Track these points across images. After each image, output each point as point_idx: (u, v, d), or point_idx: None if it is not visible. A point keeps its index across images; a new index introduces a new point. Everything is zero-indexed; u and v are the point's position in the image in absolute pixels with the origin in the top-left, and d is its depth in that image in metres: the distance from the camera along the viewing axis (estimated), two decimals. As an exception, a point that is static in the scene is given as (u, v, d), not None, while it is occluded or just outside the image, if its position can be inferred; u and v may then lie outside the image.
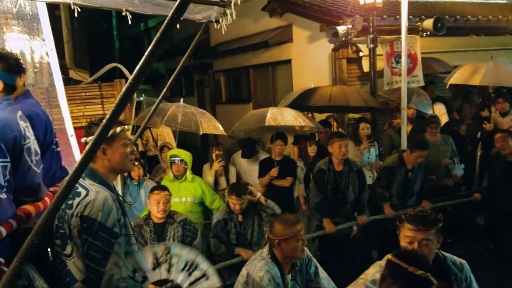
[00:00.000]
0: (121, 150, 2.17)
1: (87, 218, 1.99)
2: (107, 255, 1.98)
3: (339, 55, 7.31)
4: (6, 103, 2.34)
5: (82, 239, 2.00)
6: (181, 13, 1.19)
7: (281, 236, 2.57)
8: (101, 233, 1.99)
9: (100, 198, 2.03)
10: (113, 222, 2.02)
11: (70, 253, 2.05)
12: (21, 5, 3.06)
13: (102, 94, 4.83)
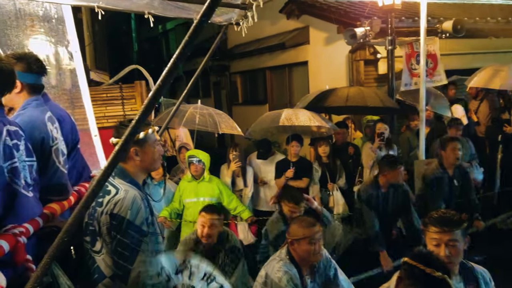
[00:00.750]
0: (152, 151, 2.22)
1: (117, 216, 2.04)
2: (135, 253, 2.03)
3: (356, 57, 7.30)
4: (35, 103, 2.40)
5: (111, 236, 2.05)
6: (209, 16, 1.23)
7: (294, 236, 2.58)
8: (130, 231, 2.03)
9: (129, 196, 2.07)
10: (142, 220, 2.07)
11: (100, 249, 2.11)
12: (46, 7, 3.15)
13: (122, 96, 4.93)
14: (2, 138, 1.93)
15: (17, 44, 3.11)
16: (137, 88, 4.99)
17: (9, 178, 1.95)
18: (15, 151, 2.00)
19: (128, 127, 2.11)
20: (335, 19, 7.21)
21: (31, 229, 1.96)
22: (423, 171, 4.85)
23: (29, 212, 2.03)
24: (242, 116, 10.31)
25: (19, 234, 1.82)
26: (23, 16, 3.13)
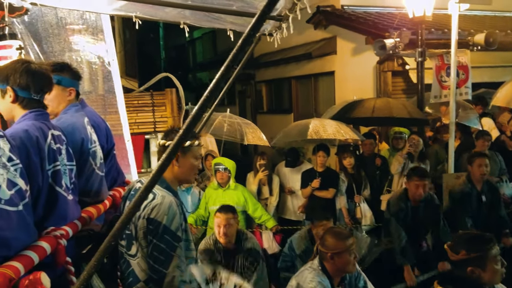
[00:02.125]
0: (192, 162, 2.26)
1: (153, 220, 2.07)
2: (170, 257, 2.06)
3: (384, 68, 7.25)
4: (74, 109, 2.49)
5: (147, 240, 2.09)
6: (257, 30, 1.26)
7: (334, 250, 2.58)
8: (166, 235, 2.07)
9: (166, 202, 2.11)
10: (177, 226, 2.10)
11: (135, 253, 2.16)
12: (86, 17, 3.26)
13: (153, 102, 5.03)
14: (47, 142, 2.01)
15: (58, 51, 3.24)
16: (168, 95, 5.09)
17: (52, 181, 2.02)
18: (58, 155, 2.07)
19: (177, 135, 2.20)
20: (363, 29, 7.19)
21: (70, 232, 2.02)
22: (451, 184, 4.78)
23: (69, 215, 2.09)
24: (267, 124, 10.34)
25: (60, 237, 1.87)
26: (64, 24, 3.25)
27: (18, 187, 1.68)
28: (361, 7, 8.22)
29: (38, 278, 1.50)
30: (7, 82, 1.97)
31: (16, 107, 2.02)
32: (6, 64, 2.08)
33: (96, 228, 2.51)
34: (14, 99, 1.99)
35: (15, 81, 1.96)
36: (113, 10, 3.10)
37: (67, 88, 2.48)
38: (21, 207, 1.67)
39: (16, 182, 1.68)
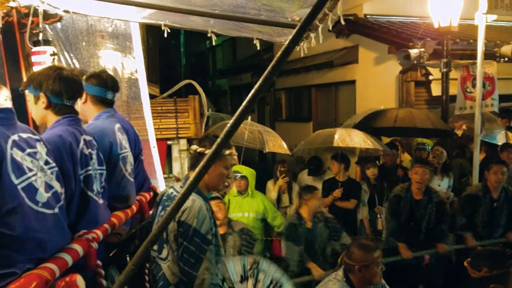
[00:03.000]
0: (221, 171, 2.29)
1: (184, 223, 2.11)
2: (200, 260, 2.08)
3: (407, 78, 7.19)
4: (105, 115, 2.53)
5: (177, 243, 2.13)
6: (297, 42, 1.27)
7: (362, 262, 2.56)
8: (196, 238, 2.10)
9: (196, 205, 2.14)
10: (207, 229, 2.13)
11: (166, 256, 2.18)
12: (116, 24, 3.33)
13: (176, 109, 5.08)
14: (80, 147, 2.05)
15: (88, 58, 3.31)
16: (191, 102, 5.14)
17: (83, 186, 2.06)
18: (90, 159, 2.11)
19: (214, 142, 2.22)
20: (386, 39, 7.16)
21: (101, 235, 2.05)
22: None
23: (100, 218, 2.12)
24: (285, 132, 10.31)
25: (92, 240, 1.90)
26: (94, 31, 3.33)
27: (54, 189, 1.72)
28: (384, 16, 8.19)
29: (74, 280, 1.52)
30: (40, 89, 2.01)
31: (49, 113, 2.06)
32: (39, 71, 2.12)
33: (123, 232, 2.54)
34: (47, 105, 2.03)
35: (48, 87, 2.00)
36: (142, 18, 3.15)
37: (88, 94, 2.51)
38: (57, 209, 1.70)
39: (53, 185, 1.72)
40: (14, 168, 1.50)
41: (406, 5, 8.08)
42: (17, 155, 1.53)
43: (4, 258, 1.45)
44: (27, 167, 1.57)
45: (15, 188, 1.49)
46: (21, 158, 1.56)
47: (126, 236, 2.59)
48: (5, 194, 1.44)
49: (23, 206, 1.50)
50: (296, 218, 4.19)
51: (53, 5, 2.86)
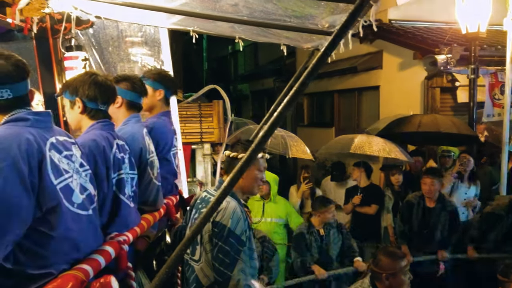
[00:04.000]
0: (255, 175, 2.31)
1: (218, 223, 2.13)
2: (234, 261, 2.10)
3: (432, 84, 7.07)
4: (134, 120, 2.58)
5: (212, 243, 2.15)
6: (333, 49, 1.27)
7: (389, 271, 2.54)
8: (231, 238, 2.12)
9: (230, 206, 2.16)
10: (241, 230, 2.15)
11: (199, 258, 2.21)
12: (146, 30, 3.39)
13: (201, 114, 5.12)
14: (113, 151, 2.09)
15: (117, 62, 3.38)
16: (215, 107, 5.18)
17: (116, 189, 2.10)
18: (122, 163, 2.16)
19: (246, 147, 2.24)
20: (411, 44, 7.07)
21: (131, 238, 2.09)
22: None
23: (130, 221, 2.16)
24: (307, 137, 10.26)
25: (123, 242, 1.94)
26: (124, 37, 3.40)
27: (88, 191, 1.76)
28: (409, 21, 8.10)
29: (108, 281, 1.55)
30: (76, 94, 2.06)
31: (84, 117, 2.11)
32: (75, 77, 2.18)
33: (151, 235, 2.58)
34: (83, 110, 2.08)
35: (83, 92, 2.05)
36: (171, 24, 3.20)
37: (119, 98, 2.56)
38: (90, 211, 1.74)
39: (87, 187, 1.76)
40: (53, 168, 1.54)
41: (432, 10, 7.98)
42: (55, 157, 1.58)
43: (42, 258, 1.49)
44: (64, 169, 1.62)
45: (54, 188, 1.53)
46: (58, 160, 1.60)
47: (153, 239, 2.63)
48: (45, 193, 1.48)
49: (62, 206, 1.54)
50: (306, 227, 4.21)
51: (86, 11, 2.93)
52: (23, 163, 1.42)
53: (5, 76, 1.56)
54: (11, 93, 1.57)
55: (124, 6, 2.66)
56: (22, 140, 1.46)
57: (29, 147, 1.47)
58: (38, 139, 1.53)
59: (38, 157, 1.49)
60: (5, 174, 1.37)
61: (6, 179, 1.36)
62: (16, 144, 1.43)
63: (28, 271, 1.46)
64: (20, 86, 1.60)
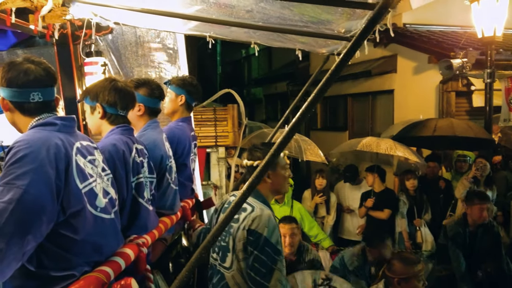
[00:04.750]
0: (282, 174, 2.30)
1: (254, 232, 2.09)
2: (271, 271, 2.05)
3: (447, 88, 7.02)
4: (153, 125, 2.61)
5: (247, 252, 2.11)
6: (352, 55, 1.29)
7: (401, 275, 2.53)
8: (266, 248, 2.07)
9: (265, 214, 2.13)
10: (277, 239, 2.10)
11: (230, 266, 2.17)
12: (163, 36, 3.45)
13: (215, 117, 5.17)
14: (132, 155, 2.13)
15: (135, 67, 3.43)
16: (230, 111, 5.22)
17: (135, 193, 2.14)
18: (141, 167, 2.19)
19: (267, 151, 2.25)
20: (426, 48, 7.03)
21: (150, 240, 2.12)
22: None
23: (149, 224, 2.20)
24: (320, 141, 10.24)
25: (142, 245, 1.97)
26: (142, 42, 3.45)
27: (110, 195, 1.80)
28: (424, 25, 8.06)
29: (129, 283, 1.58)
30: (96, 99, 2.11)
31: (104, 122, 2.16)
32: (95, 83, 2.23)
33: (168, 238, 2.61)
34: (103, 115, 2.13)
35: (104, 98, 2.10)
36: (188, 29, 3.24)
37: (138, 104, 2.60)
38: (112, 215, 1.78)
39: (109, 191, 1.80)
40: (78, 173, 1.58)
41: (447, 14, 7.93)
42: (80, 161, 1.62)
43: (65, 260, 1.52)
44: (88, 173, 1.66)
45: (80, 192, 1.57)
46: (84, 164, 1.64)
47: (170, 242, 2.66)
48: (71, 197, 1.52)
49: (85, 210, 1.58)
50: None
51: (105, 18, 2.99)
52: (50, 167, 1.46)
53: (37, 80, 1.63)
54: (42, 97, 1.63)
55: (142, 12, 2.71)
56: (51, 144, 1.51)
57: (58, 151, 1.51)
58: (66, 144, 1.57)
59: (66, 162, 1.53)
60: (31, 177, 1.41)
61: (32, 181, 1.40)
62: (45, 148, 1.48)
63: (51, 273, 1.49)
64: (50, 91, 1.67)
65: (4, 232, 1.34)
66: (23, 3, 2.31)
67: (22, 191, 1.38)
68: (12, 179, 1.40)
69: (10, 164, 1.43)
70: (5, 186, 1.39)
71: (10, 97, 1.63)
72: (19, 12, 2.43)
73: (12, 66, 1.62)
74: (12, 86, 1.61)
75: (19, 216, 1.37)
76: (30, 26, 2.59)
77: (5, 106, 1.64)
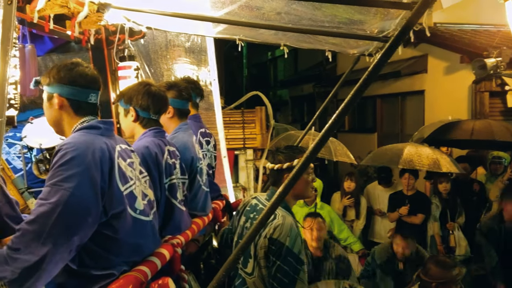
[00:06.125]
0: (305, 178, 2.23)
1: (276, 241, 2.05)
2: (293, 281, 2.02)
3: (480, 88, 6.83)
4: (184, 128, 2.65)
5: (269, 261, 2.07)
6: (389, 57, 1.28)
7: (439, 279, 2.48)
8: (289, 257, 2.03)
9: (287, 223, 2.09)
10: (299, 248, 2.06)
11: (251, 272, 2.15)
12: (193, 39, 3.49)
13: (243, 120, 5.19)
14: (164, 157, 2.16)
15: (165, 71, 3.49)
16: (257, 113, 5.23)
17: (168, 194, 2.17)
18: (173, 169, 2.23)
19: (290, 154, 2.23)
20: (458, 48, 6.87)
21: (183, 241, 2.15)
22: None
23: (183, 225, 2.23)
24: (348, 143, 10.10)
25: (177, 245, 2.00)
26: (172, 46, 3.51)
27: (148, 197, 1.83)
28: (455, 24, 7.86)
29: (166, 283, 1.61)
30: (130, 103, 2.16)
31: (137, 126, 2.20)
32: (130, 86, 2.28)
33: (200, 239, 2.64)
34: (135, 119, 2.17)
35: (137, 102, 2.14)
36: (217, 33, 3.27)
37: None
38: (151, 216, 1.81)
39: (147, 193, 1.83)
40: (120, 176, 1.62)
41: (479, 12, 7.71)
42: (122, 164, 1.66)
43: (105, 260, 1.56)
44: (129, 176, 1.70)
45: (121, 194, 1.61)
46: (125, 167, 1.68)
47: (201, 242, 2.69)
48: (113, 199, 1.56)
49: (126, 212, 1.62)
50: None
51: (138, 23, 3.06)
52: (96, 170, 1.50)
53: (94, 82, 1.70)
54: (96, 99, 1.69)
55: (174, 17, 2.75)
56: (96, 148, 1.55)
57: (102, 154, 1.55)
58: (110, 147, 1.61)
59: (109, 165, 1.57)
60: (78, 179, 1.45)
61: (79, 184, 1.45)
62: (91, 151, 1.52)
63: (92, 271, 1.54)
64: (99, 95, 1.72)
65: (52, 234, 1.38)
66: (61, 10, 2.38)
67: (69, 193, 1.42)
68: (59, 180, 1.44)
69: (58, 166, 1.47)
70: (52, 187, 1.43)
71: (69, 95, 1.66)
72: (56, 18, 2.51)
73: (73, 66, 1.67)
74: (75, 85, 1.65)
75: (66, 218, 1.41)
76: (67, 32, 2.67)
77: (59, 103, 1.66)
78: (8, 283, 1.35)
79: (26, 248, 1.36)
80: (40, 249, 1.36)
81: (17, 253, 1.36)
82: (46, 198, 1.43)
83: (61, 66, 1.67)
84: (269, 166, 2.29)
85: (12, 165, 2.90)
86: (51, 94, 1.67)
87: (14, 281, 1.35)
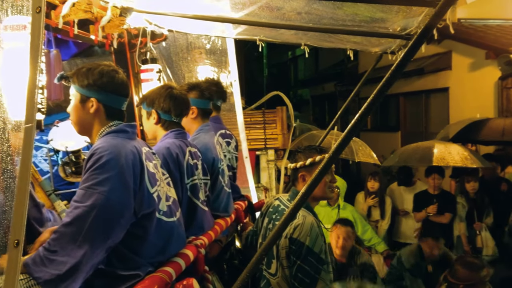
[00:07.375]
0: (324, 179, 2.18)
1: (296, 241, 2.05)
2: (314, 281, 2.02)
3: (507, 84, 6.64)
4: (206, 129, 2.67)
5: (290, 260, 2.07)
6: (413, 55, 1.26)
7: (467, 281, 2.43)
8: (310, 257, 2.03)
9: (307, 222, 2.08)
10: (320, 248, 2.06)
11: (275, 272, 2.15)
12: (214, 41, 3.51)
13: (264, 120, 5.18)
14: (186, 158, 2.18)
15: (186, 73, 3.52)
16: (279, 113, 5.22)
17: (190, 194, 2.19)
18: (195, 169, 2.24)
19: (309, 154, 2.22)
20: (483, 44, 6.70)
21: (207, 242, 2.16)
22: None
23: (206, 225, 2.24)
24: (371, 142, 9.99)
25: (200, 246, 2.01)
26: (193, 48, 3.54)
27: (172, 198, 1.85)
28: (480, 20, 7.69)
29: (191, 284, 1.62)
30: (152, 106, 2.19)
31: (159, 128, 2.23)
32: (153, 89, 2.31)
33: (223, 240, 2.65)
34: (157, 121, 2.20)
35: (159, 105, 2.17)
36: (238, 34, 3.28)
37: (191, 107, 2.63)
38: (176, 217, 1.82)
39: (170, 194, 1.85)
40: (150, 178, 1.65)
41: (504, 8, 7.54)
42: (149, 167, 1.69)
43: (132, 261, 1.59)
44: (157, 178, 1.72)
45: (151, 196, 1.63)
46: (152, 169, 1.71)
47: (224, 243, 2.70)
48: (143, 200, 1.59)
49: (155, 213, 1.64)
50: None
51: (159, 26, 3.09)
52: (128, 173, 1.53)
53: (128, 89, 1.74)
54: (125, 106, 1.73)
55: (195, 19, 2.77)
56: (127, 151, 1.58)
57: (134, 158, 1.59)
58: (139, 150, 1.64)
59: (140, 167, 1.60)
60: (112, 183, 1.48)
61: (112, 187, 1.48)
62: (123, 155, 1.55)
63: (118, 272, 1.56)
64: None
65: (88, 236, 1.42)
66: (84, 15, 2.43)
67: (103, 197, 1.45)
68: (94, 184, 1.47)
69: (92, 169, 1.49)
70: (87, 190, 1.46)
71: (108, 102, 1.68)
72: (80, 23, 2.56)
73: (114, 72, 1.68)
74: (116, 93, 1.69)
75: (101, 221, 1.44)
76: (91, 36, 2.72)
77: (96, 108, 1.67)
78: (43, 284, 1.38)
79: (63, 250, 1.40)
80: (76, 251, 1.40)
81: (54, 254, 1.39)
82: (81, 201, 1.46)
83: (103, 71, 1.66)
84: (290, 165, 2.30)
85: (39, 168, 2.97)
86: (87, 97, 1.66)
87: (49, 282, 1.38)
